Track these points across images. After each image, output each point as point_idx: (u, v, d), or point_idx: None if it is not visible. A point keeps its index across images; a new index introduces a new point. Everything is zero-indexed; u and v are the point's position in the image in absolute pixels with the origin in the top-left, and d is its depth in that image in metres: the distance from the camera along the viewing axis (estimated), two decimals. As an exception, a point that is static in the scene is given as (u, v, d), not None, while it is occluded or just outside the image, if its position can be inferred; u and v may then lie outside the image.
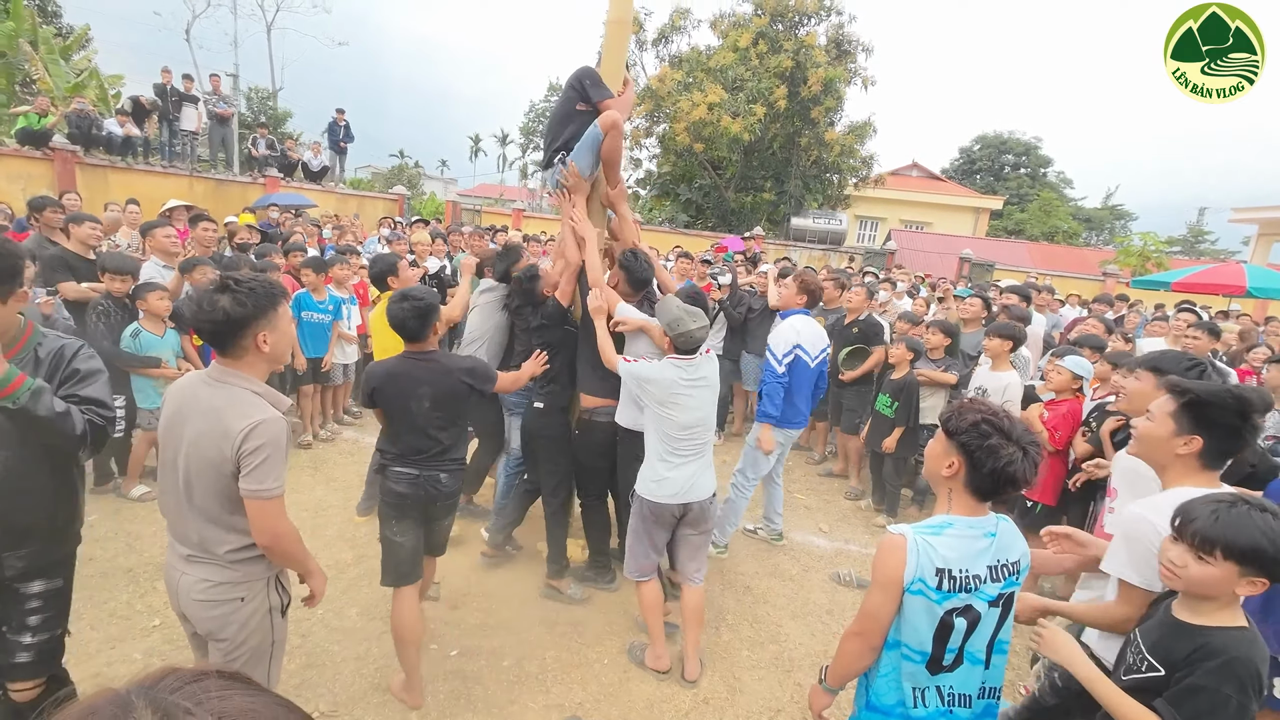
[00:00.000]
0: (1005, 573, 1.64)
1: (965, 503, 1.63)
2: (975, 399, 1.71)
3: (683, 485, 2.83)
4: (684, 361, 2.80)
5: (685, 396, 2.79)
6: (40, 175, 10.53)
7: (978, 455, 1.56)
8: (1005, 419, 1.58)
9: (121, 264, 4.13)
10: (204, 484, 1.76)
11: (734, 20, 19.43)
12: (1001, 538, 1.64)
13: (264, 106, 24.09)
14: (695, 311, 2.80)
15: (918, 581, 1.56)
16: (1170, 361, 2.22)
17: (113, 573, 3.35)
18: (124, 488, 4.14)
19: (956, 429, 1.61)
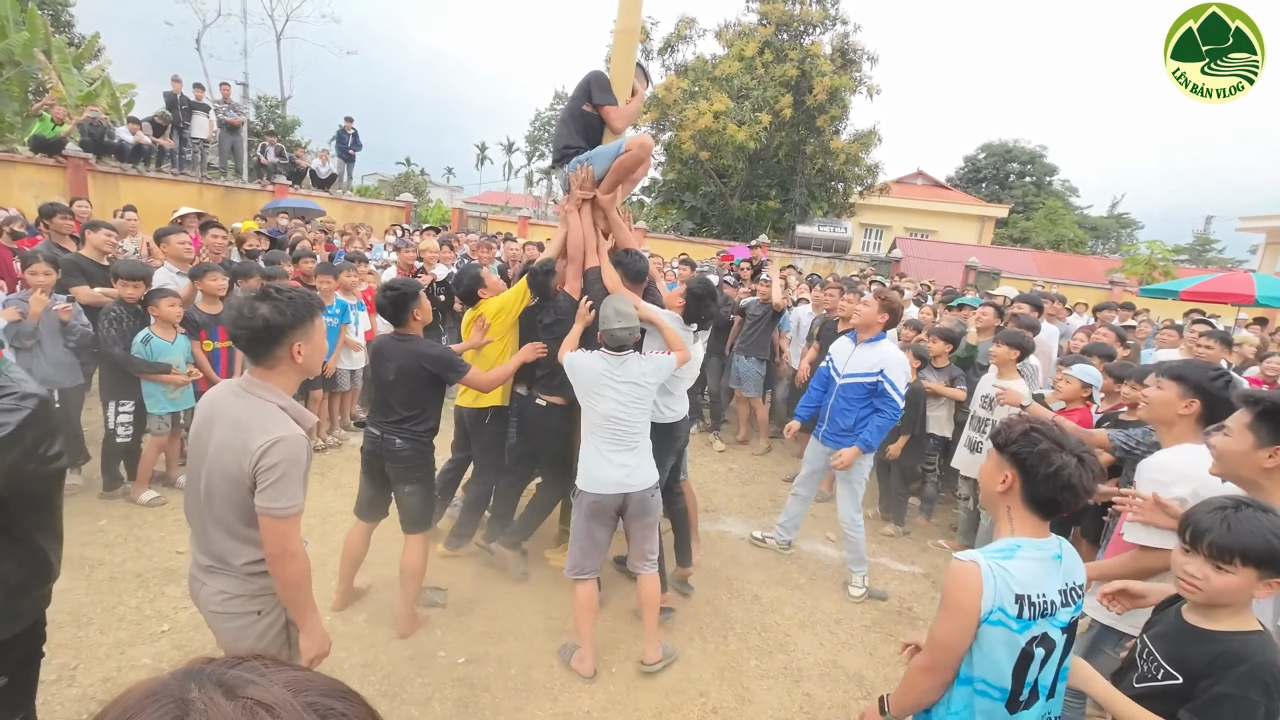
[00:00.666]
0: (1075, 596, 1.57)
1: (1027, 521, 1.56)
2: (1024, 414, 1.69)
3: (619, 476, 2.92)
4: (612, 357, 2.96)
5: (609, 390, 2.94)
6: (53, 183, 10.65)
7: (1030, 464, 1.51)
8: (1056, 428, 1.55)
9: (134, 270, 4.17)
10: (222, 495, 1.74)
11: (739, 30, 19.52)
12: (1066, 559, 1.57)
13: (273, 115, 24.30)
14: (622, 312, 2.96)
15: (997, 611, 1.46)
16: (1195, 371, 2.20)
17: (122, 577, 3.36)
18: (133, 493, 4.16)
19: (1006, 441, 1.57)
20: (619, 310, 2.96)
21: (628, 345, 2.97)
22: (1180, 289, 11.25)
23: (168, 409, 4.21)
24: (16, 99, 15.33)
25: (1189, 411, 2.19)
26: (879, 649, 3.46)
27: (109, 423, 4.11)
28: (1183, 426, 2.23)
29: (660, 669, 3.06)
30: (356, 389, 5.89)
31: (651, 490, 3.00)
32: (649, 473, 2.99)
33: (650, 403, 3.07)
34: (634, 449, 2.98)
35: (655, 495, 3.03)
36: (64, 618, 3.01)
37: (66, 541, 3.56)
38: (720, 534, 4.62)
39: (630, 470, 2.94)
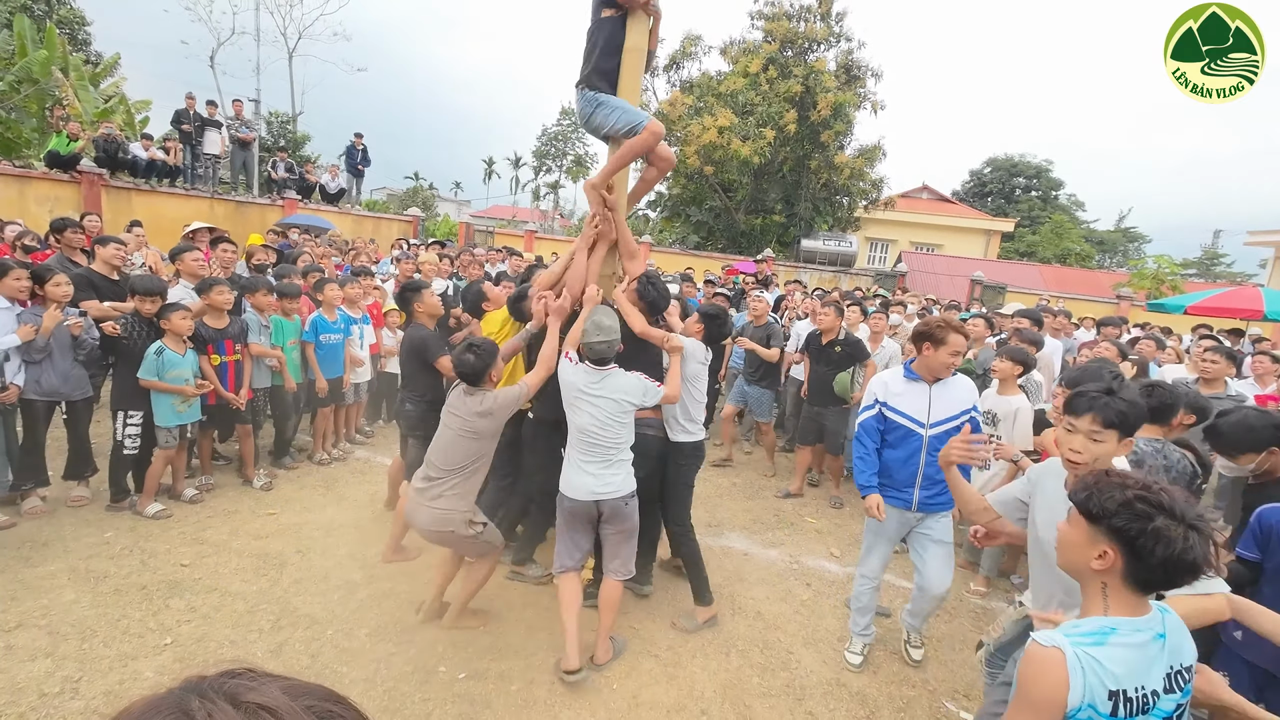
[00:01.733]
0: (1182, 680, 1.35)
1: (1126, 600, 1.34)
2: (1112, 470, 1.43)
3: (592, 484, 2.99)
4: (592, 370, 3.02)
5: (585, 403, 3.00)
6: (67, 198, 10.83)
7: (1142, 543, 1.28)
8: (1163, 493, 1.31)
9: (151, 286, 4.24)
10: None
11: (744, 47, 19.74)
12: (1172, 638, 1.35)
13: (284, 130, 24.66)
14: (603, 325, 3.01)
15: (1086, 709, 1.27)
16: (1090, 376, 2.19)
17: (127, 589, 3.38)
18: (140, 505, 4.18)
19: (1104, 511, 1.33)
20: (599, 324, 3.00)
21: (608, 359, 3.01)
22: (1187, 304, 11.20)
23: (176, 421, 4.25)
24: (34, 115, 15.64)
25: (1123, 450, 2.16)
26: (883, 667, 3.43)
27: (117, 434, 4.15)
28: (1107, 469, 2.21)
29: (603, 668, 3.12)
30: (361, 403, 5.93)
31: (625, 499, 3.03)
32: (623, 483, 3.04)
33: (630, 421, 3.08)
34: (608, 462, 3.02)
35: (630, 504, 3.06)
36: (69, 629, 3.03)
37: (73, 554, 3.62)
38: (724, 549, 4.60)
39: (603, 480, 3.00)
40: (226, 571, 3.64)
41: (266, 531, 4.14)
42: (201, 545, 3.90)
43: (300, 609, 3.37)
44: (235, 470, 4.99)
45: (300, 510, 4.49)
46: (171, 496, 4.43)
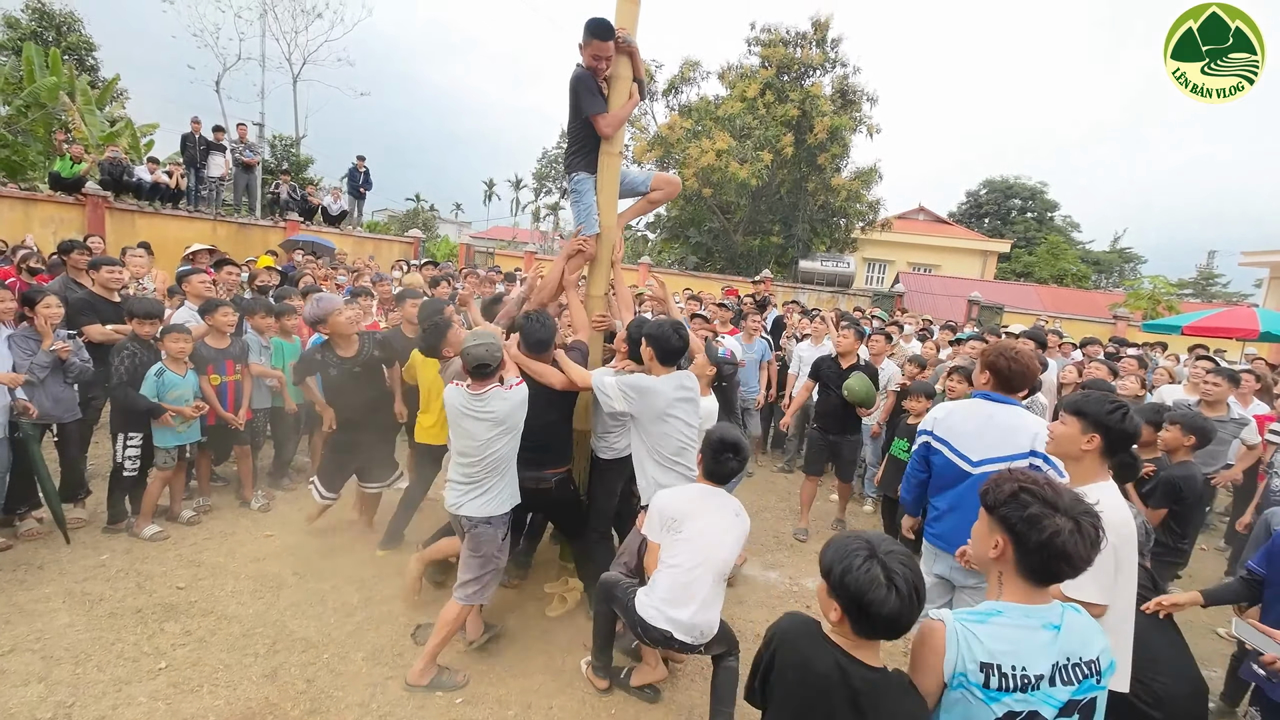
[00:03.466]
0: (1079, 674, 1.42)
1: (1017, 588, 1.46)
2: (1014, 469, 1.56)
3: (457, 499, 3.03)
4: (473, 390, 2.92)
5: (468, 422, 2.94)
6: (71, 220, 10.93)
7: (1021, 529, 1.41)
8: (1048, 487, 1.43)
9: (150, 309, 4.27)
10: None
11: (741, 72, 20.07)
12: (1070, 631, 1.44)
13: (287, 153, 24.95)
14: (479, 331, 3.00)
15: (959, 676, 1.41)
16: (1093, 405, 2.16)
17: (122, 613, 3.35)
18: (137, 527, 4.16)
19: (995, 502, 1.47)
20: (476, 331, 3.05)
21: (488, 366, 2.86)
22: (1183, 324, 11.26)
23: (175, 442, 4.25)
24: (41, 139, 15.85)
25: (1090, 447, 2.14)
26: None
27: (117, 455, 4.14)
28: (1088, 462, 2.17)
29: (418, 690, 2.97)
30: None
31: (477, 523, 2.99)
32: (482, 506, 2.99)
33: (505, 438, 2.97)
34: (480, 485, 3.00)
35: (484, 529, 3.00)
36: (63, 654, 3.00)
37: (68, 576, 3.59)
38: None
39: (469, 498, 3.00)
40: (223, 594, 3.61)
41: (264, 553, 4.12)
42: (198, 567, 3.88)
43: (297, 632, 3.35)
44: (233, 491, 4.98)
45: (298, 532, 4.46)
46: (169, 518, 4.41)
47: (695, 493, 2.75)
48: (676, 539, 2.66)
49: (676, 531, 2.66)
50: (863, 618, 1.40)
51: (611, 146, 3.59)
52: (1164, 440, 3.34)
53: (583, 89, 3.42)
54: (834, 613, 1.44)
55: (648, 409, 3.09)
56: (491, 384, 2.95)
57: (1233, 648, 3.51)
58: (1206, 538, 6.07)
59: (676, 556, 2.65)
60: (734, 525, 2.71)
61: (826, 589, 1.46)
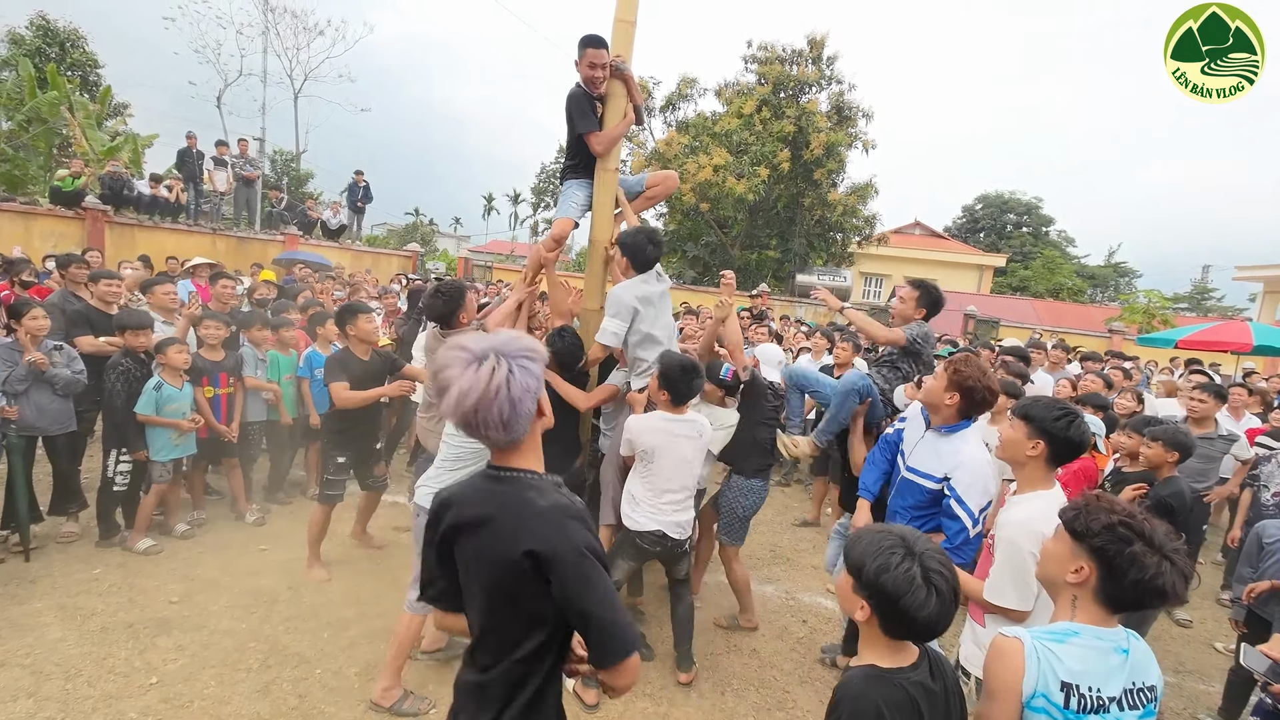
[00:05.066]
0: (1142, 699, 1.44)
1: (1093, 612, 1.45)
2: (1102, 494, 1.55)
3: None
4: None
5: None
6: (71, 233, 10.97)
7: (1118, 564, 1.39)
8: (1145, 522, 1.42)
9: (140, 320, 4.27)
10: None
11: (738, 88, 20.29)
12: (1135, 656, 1.45)
13: (288, 168, 25.12)
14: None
15: (1039, 696, 1.38)
16: (1040, 410, 2.15)
17: (114, 627, 3.33)
18: (130, 541, 4.14)
19: (1087, 531, 1.44)
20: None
21: None
22: (1177, 338, 11.32)
23: (171, 455, 4.25)
24: (42, 154, 15.95)
25: (1035, 453, 2.13)
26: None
27: (108, 470, 4.14)
28: (1032, 468, 2.15)
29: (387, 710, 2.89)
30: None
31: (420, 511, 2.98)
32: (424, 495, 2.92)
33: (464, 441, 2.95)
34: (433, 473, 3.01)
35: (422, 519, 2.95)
36: (53, 668, 2.98)
37: (61, 590, 3.57)
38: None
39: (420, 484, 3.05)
40: (216, 609, 3.59)
41: (258, 567, 4.09)
42: (191, 581, 3.86)
43: (290, 647, 3.32)
44: (229, 505, 4.96)
45: (292, 546, 4.44)
46: (163, 532, 4.39)
47: (662, 426, 3.04)
48: (650, 467, 3.05)
49: (649, 462, 3.04)
50: (897, 619, 1.34)
51: (608, 163, 3.63)
52: (1147, 457, 3.33)
53: (575, 108, 3.50)
54: (861, 611, 1.38)
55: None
56: None
57: (1230, 661, 3.50)
58: (1202, 551, 6.06)
59: (653, 478, 3.06)
60: (700, 447, 3.14)
61: (853, 585, 1.40)
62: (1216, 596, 5.14)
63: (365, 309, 4.22)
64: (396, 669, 2.96)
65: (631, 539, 3.14)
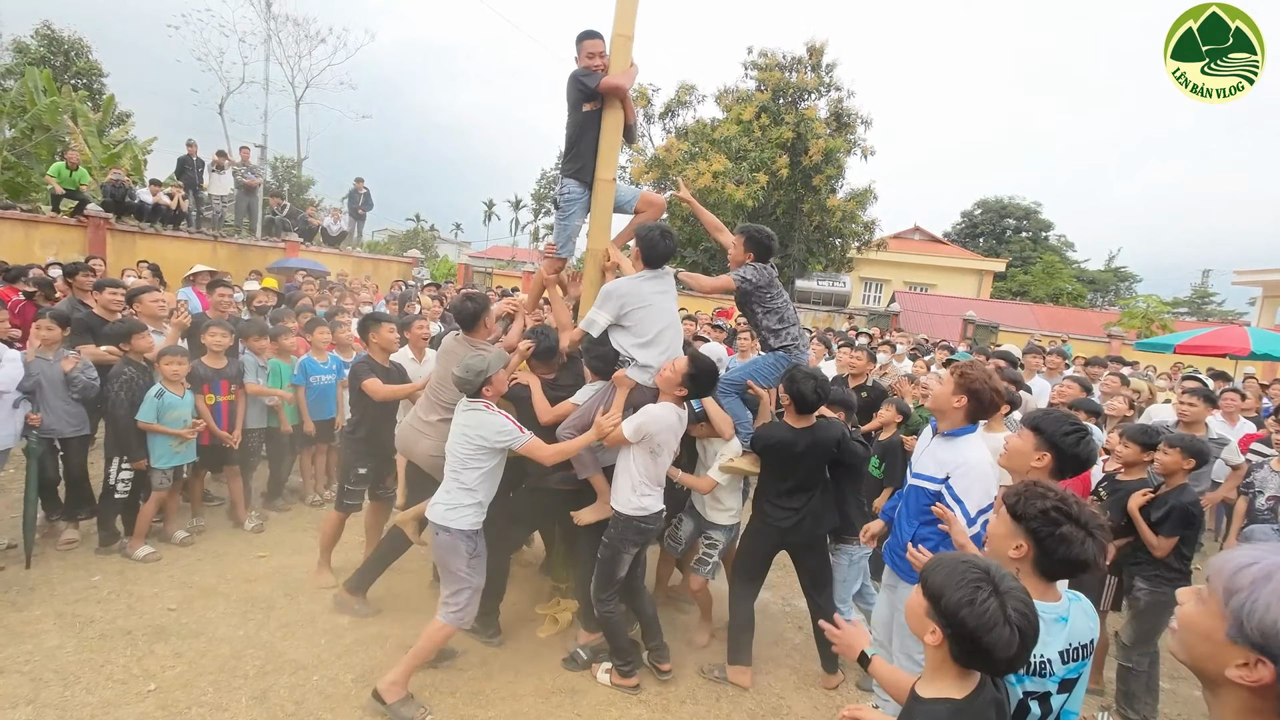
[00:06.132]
0: (1075, 656, 1.64)
1: (1034, 585, 1.62)
2: (1039, 481, 1.75)
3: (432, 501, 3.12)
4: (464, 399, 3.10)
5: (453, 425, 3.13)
6: (73, 241, 11.02)
7: (1049, 543, 1.59)
8: (1074, 504, 1.62)
9: (131, 328, 4.31)
10: None
11: (737, 95, 20.38)
12: (1073, 621, 1.65)
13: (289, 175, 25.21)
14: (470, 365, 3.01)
15: None
16: (1051, 424, 2.16)
17: (112, 634, 3.35)
18: (129, 548, 4.17)
19: (1025, 513, 1.63)
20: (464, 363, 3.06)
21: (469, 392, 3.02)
22: (1176, 342, 11.35)
23: (172, 463, 4.28)
24: (44, 161, 16.02)
25: (1041, 464, 2.13)
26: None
27: (110, 478, 4.17)
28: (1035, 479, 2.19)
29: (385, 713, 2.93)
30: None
31: (438, 529, 3.01)
32: (443, 513, 3.01)
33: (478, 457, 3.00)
34: (447, 488, 3.06)
35: (442, 538, 3.00)
36: (51, 676, 3.00)
37: (59, 598, 3.59)
38: (717, 590, 4.56)
39: (434, 503, 3.07)
40: (213, 615, 3.61)
41: (255, 574, 4.12)
42: (189, 589, 3.88)
43: (286, 654, 3.34)
44: (227, 512, 4.98)
45: (290, 552, 4.47)
46: (162, 539, 4.41)
47: (676, 421, 3.19)
48: (658, 460, 3.17)
49: (656, 454, 3.15)
50: (975, 653, 1.35)
51: (604, 172, 3.67)
52: (1162, 464, 3.34)
53: (573, 82, 3.59)
54: (933, 636, 1.41)
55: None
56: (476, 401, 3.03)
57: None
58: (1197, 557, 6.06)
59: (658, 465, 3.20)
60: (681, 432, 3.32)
61: (928, 609, 1.41)
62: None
63: (388, 318, 4.31)
64: (410, 670, 3.00)
65: (636, 525, 3.19)
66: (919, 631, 1.45)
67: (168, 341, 4.46)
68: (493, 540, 3.31)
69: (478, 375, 2.97)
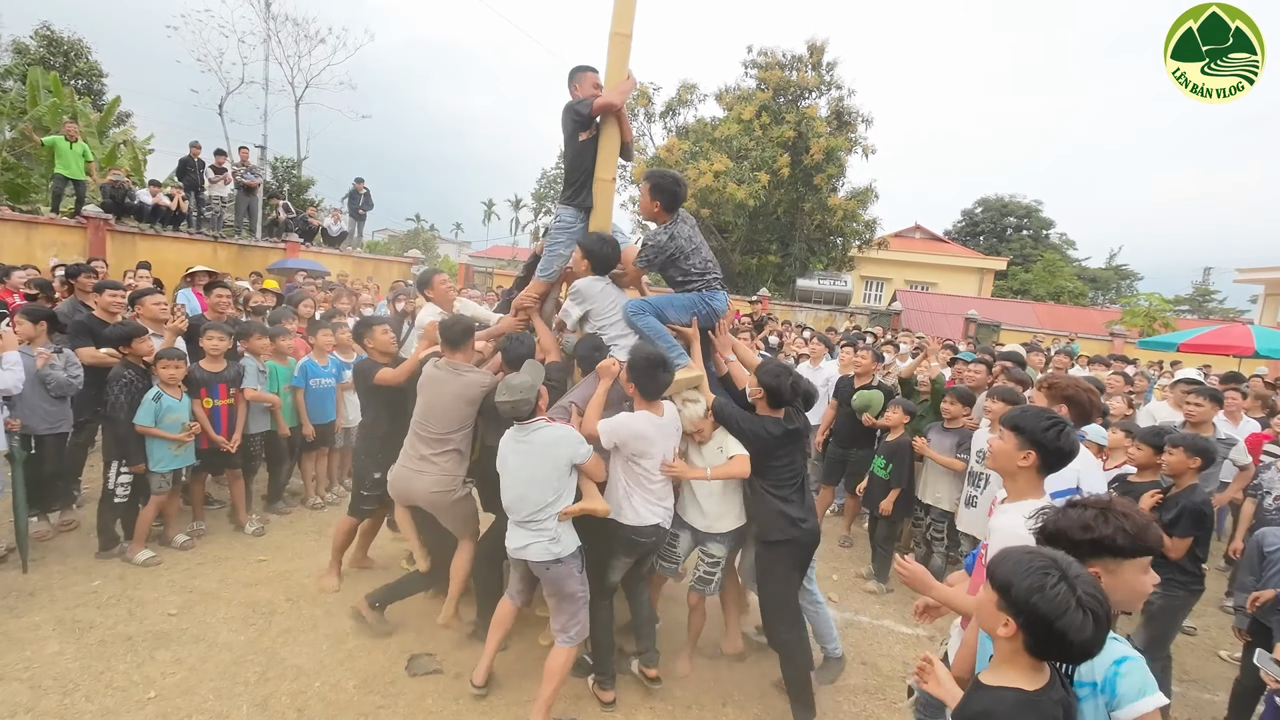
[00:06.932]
0: None
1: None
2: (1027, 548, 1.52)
3: (516, 544, 2.92)
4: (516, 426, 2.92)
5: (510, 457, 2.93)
6: (73, 243, 10.99)
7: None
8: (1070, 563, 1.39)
9: (128, 333, 4.26)
10: None
11: (738, 94, 20.35)
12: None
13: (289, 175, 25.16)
14: (510, 385, 2.83)
15: None
16: (1030, 420, 2.12)
17: (112, 640, 3.32)
18: (130, 552, 4.14)
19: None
20: (508, 383, 2.86)
21: (523, 417, 2.86)
22: (1179, 341, 11.31)
23: (171, 466, 4.25)
24: (44, 162, 15.99)
25: (1026, 463, 2.11)
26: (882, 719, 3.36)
27: (109, 482, 4.13)
28: (1024, 479, 2.12)
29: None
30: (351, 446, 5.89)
31: (548, 564, 2.85)
32: (546, 548, 2.85)
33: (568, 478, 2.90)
34: (532, 529, 2.87)
35: (555, 569, 2.86)
36: (51, 683, 2.97)
37: (59, 603, 3.56)
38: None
39: (527, 543, 2.87)
40: (214, 621, 3.58)
41: (257, 579, 4.09)
42: (190, 593, 3.85)
43: (288, 659, 3.31)
44: (228, 515, 4.95)
45: (291, 556, 4.44)
46: (163, 543, 4.39)
47: (647, 427, 3.05)
48: (638, 461, 3.05)
49: (637, 462, 3.05)
50: (1050, 641, 1.35)
51: (605, 173, 3.64)
52: (1169, 465, 3.31)
53: (568, 112, 3.59)
54: (1005, 628, 1.40)
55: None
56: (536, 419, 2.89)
57: (1236, 672, 3.47)
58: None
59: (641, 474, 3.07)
60: (677, 438, 3.22)
61: (998, 602, 1.41)
62: (1219, 603, 5.11)
63: (381, 320, 4.26)
64: (549, 704, 2.91)
65: (627, 535, 3.10)
66: (990, 626, 1.44)
67: (164, 344, 4.41)
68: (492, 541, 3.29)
69: (530, 390, 2.83)
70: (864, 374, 5.50)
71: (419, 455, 3.37)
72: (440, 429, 3.33)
